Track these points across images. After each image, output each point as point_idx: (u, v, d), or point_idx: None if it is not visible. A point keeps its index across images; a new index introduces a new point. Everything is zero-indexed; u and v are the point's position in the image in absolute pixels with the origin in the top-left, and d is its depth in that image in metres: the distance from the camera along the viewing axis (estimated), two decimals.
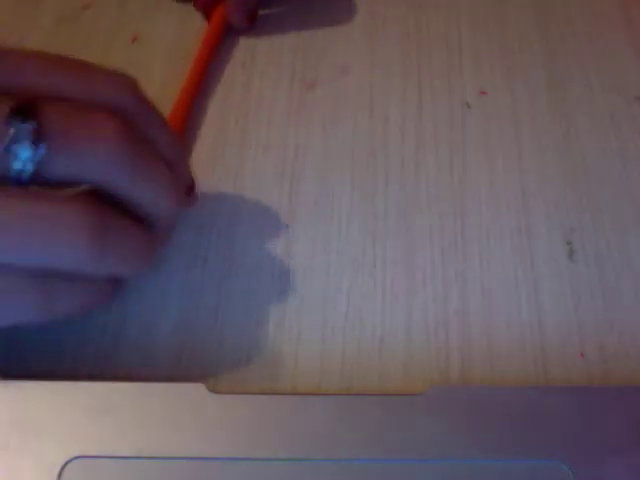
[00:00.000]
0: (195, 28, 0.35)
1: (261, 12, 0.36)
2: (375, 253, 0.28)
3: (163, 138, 0.25)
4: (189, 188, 0.28)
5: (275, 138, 0.31)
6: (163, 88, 0.33)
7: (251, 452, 0.22)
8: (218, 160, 0.31)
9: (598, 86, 0.33)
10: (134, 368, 0.25)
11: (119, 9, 0.36)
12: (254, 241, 0.28)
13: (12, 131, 0.20)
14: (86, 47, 0.34)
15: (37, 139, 0.20)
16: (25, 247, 0.20)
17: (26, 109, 0.20)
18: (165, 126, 0.25)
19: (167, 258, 0.28)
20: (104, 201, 0.22)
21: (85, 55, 0.34)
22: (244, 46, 0.35)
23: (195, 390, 0.23)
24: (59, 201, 0.21)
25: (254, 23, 0.35)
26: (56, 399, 0.23)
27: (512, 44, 0.35)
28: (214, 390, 0.23)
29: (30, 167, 0.20)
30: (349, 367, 0.25)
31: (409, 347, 0.26)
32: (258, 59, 0.34)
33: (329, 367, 0.25)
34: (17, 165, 0.20)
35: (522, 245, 0.28)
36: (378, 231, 0.29)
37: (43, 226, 0.20)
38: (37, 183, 0.21)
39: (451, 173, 0.30)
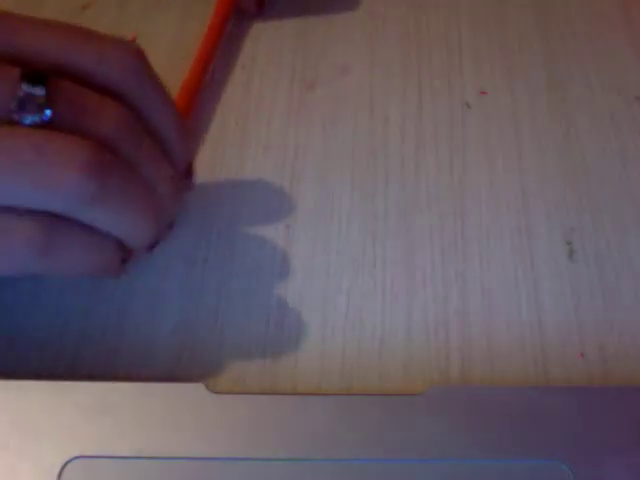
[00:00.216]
0: (195, 28, 0.35)
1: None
2: (375, 253, 0.28)
3: (164, 114, 0.25)
4: (187, 172, 0.27)
5: (275, 138, 0.31)
6: (167, 82, 0.33)
7: (251, 452, 0.22)
8: (218, 160, 0.31)
9: (598, 86, 0.33)
10: (134, 368, 0.25)
11: (119, 9, 0.36)
12: (254, 241, 0.28)
13: (22, 92, 0.20)
14: None
15: (44, 104, 0.20)
16: (13, 180, 0.20)
17: (36, 76, 0.21)
18: (167, 101, 0.25)
19: (167, 258, 0.28)
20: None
21: None
22: (244, 46, 0.35)
23: (195, 390, 0.23)
24: (55, 134, 0.20)
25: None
26: (56, 399, 0.23)
27: (512, 44, 0.35)
28: (214, 390, 0.23)
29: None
30: (349, 367, 0.25)
31: (409, 347, 0.26)
32: (258, 59, 0.34)
33: (329, 367, 0.25)
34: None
35: (522, 245, 0.28)
36: (378, 231, 0.29)
37: (33, 156, 0.20)
38: None
39: (451, 173, 0.30)
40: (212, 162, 0.31)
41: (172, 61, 0.34)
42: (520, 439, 0.22)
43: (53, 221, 0.21)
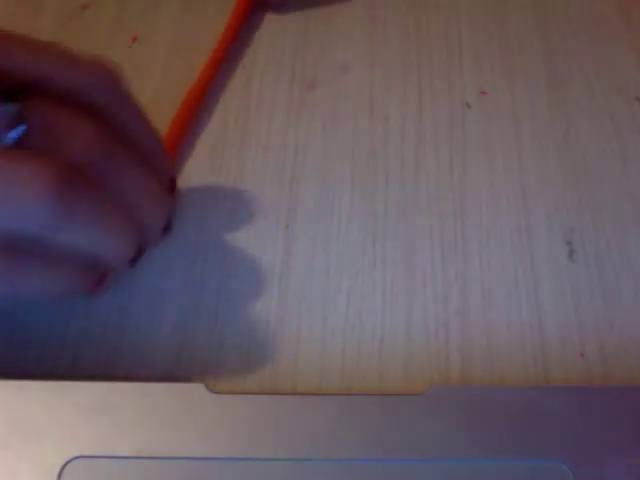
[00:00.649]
0: (195, 28, 0.35)
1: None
2: (375, 253, 0.28)
3: (140, 132, 0.24)
4: (170, 183, 0.27)
5: (275, 138, 0.31)
6: (163, 88, 0.33)
7: (251, 452, 0.22)
8: (218, 160, 0.31)
9: (598, 86, 0.33)
10: (134, 368, 0.25)
11: (119, 9, 0.36)
12: (254, 241, 0.28)
13: None
14: (86, 47, 0.34)
15: (18, 120, 0.20)
16: None
17: (9, 94, 0.20)
18: (142, 119, 0.25)
19: (167, 258, 0.28)
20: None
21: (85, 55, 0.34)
22: (244, 46, 0.35)
23: (195, 390, 0.23)
24: (23, 153, 0.20)
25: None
26: (56, 399, 0.23)
27: (512, 44, 0.35)
28: (214, 390, 0.23)
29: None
30: (349, 367, 0.25)
31: (409, 347, 0.26)
32: (258, 59, 0.34)
33: (329, 367, 0.25)
34: None
35: (522, 245, 0.28)
36: (378, 231, 0.29)
37: None
38: None
39: (451, 173, 0.30)
40: (212, 162, 0.31)
41: (172, 61, 0.34)
42: (520, 439, 0.22)
43: (13, 243, 0.21)
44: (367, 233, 0.29)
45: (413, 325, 0.26)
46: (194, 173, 0.30)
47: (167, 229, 0.27)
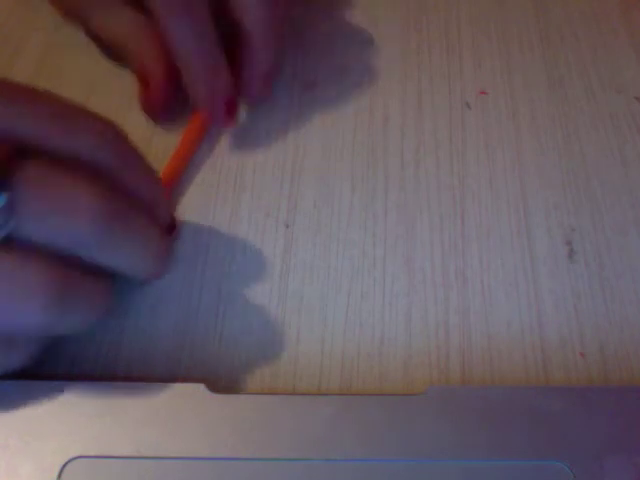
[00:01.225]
0: None
1: None
2: (375, 253, 0.28)
3: (143, 186, 0.24)
4: (170, 228, 0.27)
5: (275, 138, 0.31)
6: None
7: (251, 452, 0.22)
8: (218, 160, 0.31)
9: (598, 86, 0.33)
10: (134, 368, 0.25)
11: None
12: (254, 241, 0.28)
13: None
14: (86, 47, 0.34)
15: (9, 210, 0.19)
16: None
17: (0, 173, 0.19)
18: (146, 172, 0.25)
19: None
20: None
21: (85, 55, 0.34)
22: None
23: (195, 390, 0.23)
24: (14, 258, 0.20)
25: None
26: (56, 399, 0.23)
27: (512, 44, 0.35)
28: (214, 390, 0.23)
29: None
30: (349, 367, 0.25)
31: (409, 347, 0.26)
32: None
33: (329, 367, 0.25)
34: None
35: (522, 245, 0.28)
36: (378, 231, 0.29)
37: None
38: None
39: (451, 173, 0.30)
40: (212, 162, 0.31)
41: None
42: (520, 439, 0.22)
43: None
44: (367, 233, 0.29)
45: (413, 325, 0.26)
46: (194, 173, 0.30)
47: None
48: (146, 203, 0.24)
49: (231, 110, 0.30)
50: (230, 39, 0.29)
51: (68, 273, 0.21)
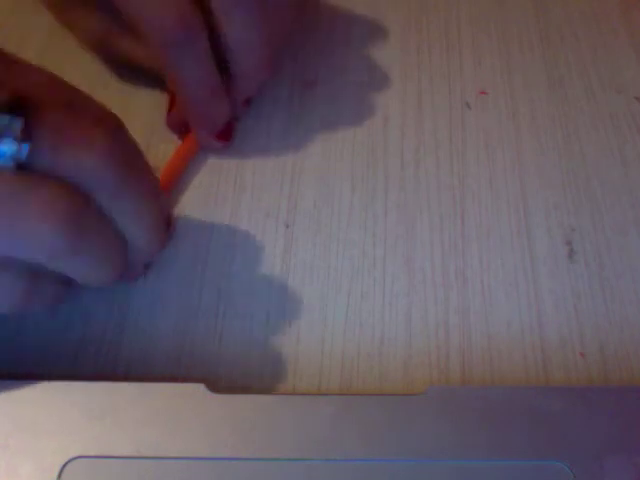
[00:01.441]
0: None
1: None
2: (375, 253, 0.28)
3: (139, 188, 0.24)
4: (167, 222, 0.27)
5: (275, 138, 0.31)
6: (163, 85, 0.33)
7: (251, 452, 0.22)
8: (218, 160, 0.31)
9: (598, 86, 0.33)
10: (134, 368, 0.25)
11: None
12: (254, 241, 0.28)
13: None
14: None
15: (25, 134, 0.19)
16: None
17: (17, 105, 0.20)
18: (143, 168, 0.24)
19: (167, 258, 0.28)
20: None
21: (85, 54, 0.34)
22: None
23: (195, 390, 0.23)
24: (30, 179, 0.20)
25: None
26: (56, 399, 0.23)
27: (512, 44, 0.35)
28: (214, 390, 0.23)
29: (10, 162, 0.19)
30: (349, 367, 0.25)
31: (409, 347, 0.26)
32: None
33: (329, 367, 0.25)
34: None
35: (522, 245, 0.28)
36: (378, 231, 0.29)
37: (6, 204, 0.19)
38: None
39: (451, 173, 0.30)
40: (212, 162, 0.31)
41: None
42: (520, 439, 0.22)
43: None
44: (367, 233, 0.29)
45: (413, 325, 0.26)
46: (194, 173, 0.30)
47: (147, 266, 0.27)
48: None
49: (227, 134, 0.30)
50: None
51: (86, 204, 0.21)
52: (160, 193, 0.26)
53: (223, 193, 0.30)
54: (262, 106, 0.32)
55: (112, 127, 0.22)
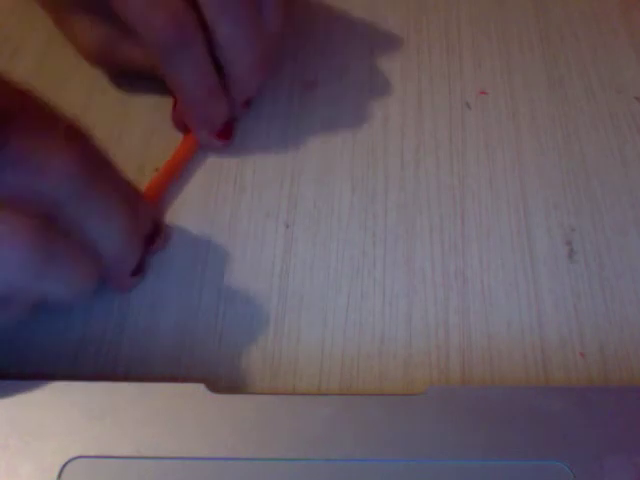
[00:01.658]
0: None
1: None
2: (375, 253, 0.28)
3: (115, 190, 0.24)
4: (153, 236, 0.27)
5: (275, 138, 0.31)
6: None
7: (251, 452, 0.22)
8: (218, 160, 0.31)
9: (598, 86, 0.33)
10: (134, 368, 0.25)
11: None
12: (254, 241, 0.28)
13: None
14: None
15: None
16: None
17: None
18: (112, 179, 0.24)
19: (167, 258, 0.28)
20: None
21: None
22: None
23: (195, 390, 0.23)
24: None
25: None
26: (56, 399, 0.23)
27: (512, 44, 0.35)
28: (214, 390, 0.23)
29: None
30: (349, 367, 0.25)
31: (409, 347, 0.26)
32: None
33: (329, 367, 0.25)
34: None
35: (522, 245, 0.28)
36: (378, 231, 0.29)
37: None
38: None
39: (451, 173, 0.30)
40: (212, 162, 0.31)
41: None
42: (520, 439, 0.22)
43: None
44: (367, 233, 0.29)
45: (413, 325, 0.26)
46: (194, 173, 0.30)
47: (138, 272, 0.27)
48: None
49: (227, 133, 0.31)
50: None
51: (53, 229, 0.21)
52: (137, 201, 0.25)
53: (223, 193, 0.30)
54: (262, 107, 0.32)
55: (79, 138, 0.22)
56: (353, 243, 0.28)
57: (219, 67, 0.28)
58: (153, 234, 0.27)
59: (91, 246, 0.23)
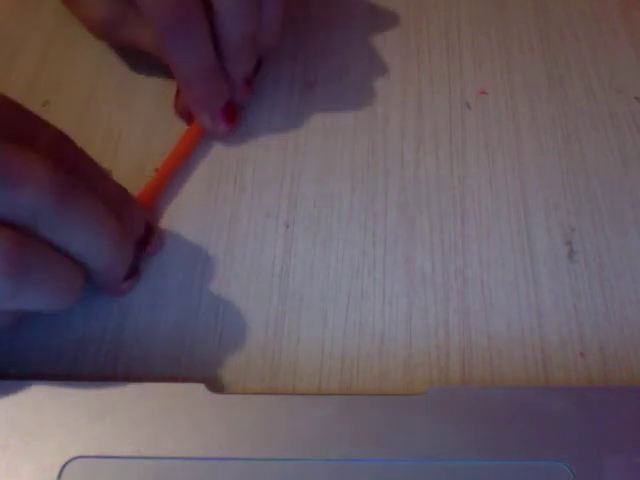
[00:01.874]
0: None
1: None
2: (375, 253, 0.28)
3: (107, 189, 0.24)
4: (146, 239, 0.27)
5: (275, 138, 0.31)
6: (169, 80, 0.33)
7: (251, 452, 0.22)
8: (218, 160, 0.31)
9: (598, 86, 0.33)
10: (134, 368, 0.25)
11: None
12: (254, 241, 0.28)
13: None
14: (86, 47, 0.34)
15: None
16: None
17: None
18: (105, 178, 0.24)
19: (167, 258, 0.28)
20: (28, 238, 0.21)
21: (85, 54, 0.34)
22: None
23: (195, 390, 0.23)
24: None
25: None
26: (56, 399, 0.23)
27: (512, 44, 0.35)
28: (214, 390, 0.23)
29: None
30: (349, 367, 0.25)
31: (409, 347, 0.26)
32: None
33: (329, 367, 0.25)
34: None
35: (522, 245, 0.28)
36: (378, 231, 0.29)
37: None
38: None
39: (451, 173, 0.30)
40: (212, 162, 0.31)
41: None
42: (520, 439, 0.22)
43: None
44: (367, 233, 0.29)
45: (413, 325, 0.26)
46: (194, 173, 0.30)
47: (131, 277, 0.27)
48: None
49: (230, 117, 0.31)
50: None
51: (29, 243, 0.21)
52: (127, 206, 0.25)
53: (223, 193, 0.30)
54: (262, 106, 0.32)
55: (56, 146, 0.22)
56: (353, 243, 0.28)
57: (219, 51, 0.28)
58: (145, 238, 0.27)
59: (76, 257, 0.23)
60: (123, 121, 0.32)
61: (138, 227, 0.26)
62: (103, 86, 0.33)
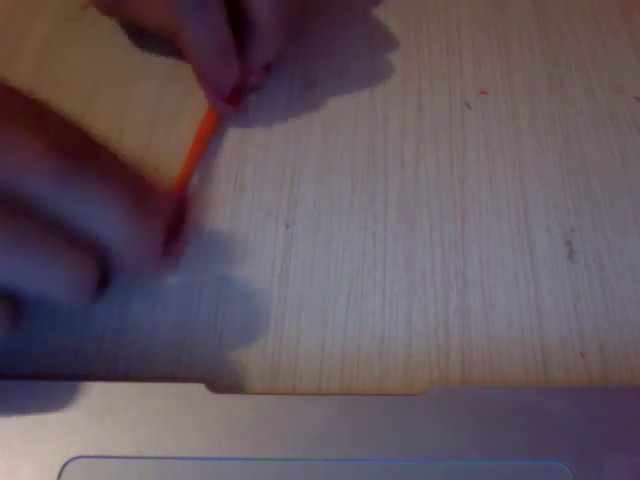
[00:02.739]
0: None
1: None
2: (375, 253, 0.28)
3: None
4: (180, 211, 0.26)
5: (275, 138, 0.31)
6: (168, 80, 0.33)
7: (251, 452, 0.22)
8: (218, 160, 0.31)
9: (598, 86, 0.33)
10: (134, 368, 0.25)
11: None
12: (254, 241, 0.28)
13: None
14: (86, 47, 0.34)
15: None
16: None
17: None
18: (120, 163, 0.23)
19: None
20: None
21: (86, 54, 0.34)
22: None
23: (195, 390, 0.23)
24: None
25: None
26: (56, 399, 0.23)
27: (512, 44, 0.35)
28: (214, 390, 0.23)
29: None
30: (349, 367, 0.25)
31: (409, 347, 0.26)
32: None
33: (329, 367, 0.25)
34: None
35: (522, 245, 0.28)
36: (378, 231, 0.29)
37: None
38: None
39: (451, 173, 0.30)
40: (212, 162, 0.31)
41: (173, 57, 0.34)
42: (520, 439, 0.22)
43: None
44: (367, 233, 0.29)
45: (413, 325, 0.26)
46: (194, 173, 0.30)
47: (169, 254, 0.26)
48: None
49: (234, 100, 0.31)
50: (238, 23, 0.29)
51: (31, 220, 0.20)
52: (141, 180, 0.24)
53: (223, 193, 0.30)
54: (262, 106, 0.32)
55: (52, 125, 0.21)
56: (353, 243, 0.28)
57: (235, 32, 0.28)
58: (180, 217, 0.26)
59: (88, 235, 0.22)
60: (123, 121, 0.32)
61: (165, 207, 0.24)
62: (103, 86, 0.33)
